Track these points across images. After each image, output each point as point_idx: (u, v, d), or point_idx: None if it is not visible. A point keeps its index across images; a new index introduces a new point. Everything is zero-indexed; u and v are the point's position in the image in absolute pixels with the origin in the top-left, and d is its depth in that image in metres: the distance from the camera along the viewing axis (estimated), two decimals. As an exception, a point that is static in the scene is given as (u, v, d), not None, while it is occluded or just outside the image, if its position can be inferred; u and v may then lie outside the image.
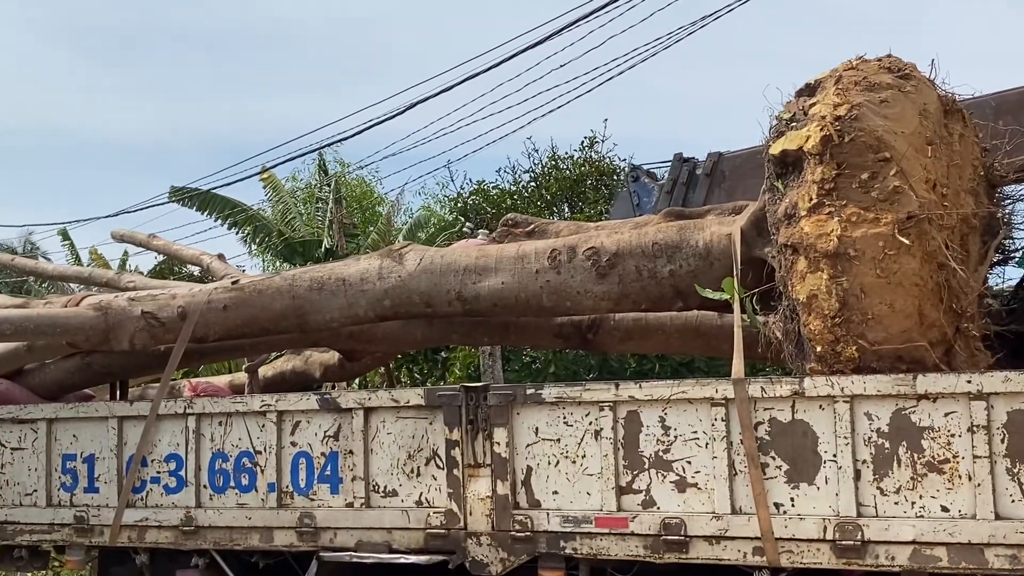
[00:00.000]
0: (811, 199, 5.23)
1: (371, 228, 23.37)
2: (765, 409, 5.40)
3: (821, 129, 5.25)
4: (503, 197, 19.05)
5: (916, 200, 5.16)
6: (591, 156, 19.13)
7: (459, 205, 20.22)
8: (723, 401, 5.47)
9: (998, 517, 4.94)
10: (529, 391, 5.98)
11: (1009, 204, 6.10)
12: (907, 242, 5.08)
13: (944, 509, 5.04)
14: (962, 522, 4.99)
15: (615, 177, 18.71)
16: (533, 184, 19.30)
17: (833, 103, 5.33)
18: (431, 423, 6.20)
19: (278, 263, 22.14)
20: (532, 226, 7.33)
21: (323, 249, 20.88)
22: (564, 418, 5.86)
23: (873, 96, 5.33)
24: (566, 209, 19.00)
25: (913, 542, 5.08)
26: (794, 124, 5.46)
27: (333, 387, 9.27)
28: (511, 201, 18.91)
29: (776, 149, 5.46)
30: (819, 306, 5.21)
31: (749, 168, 7.70)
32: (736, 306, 5.66)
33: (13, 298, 8.69)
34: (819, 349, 5.28)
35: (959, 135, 5.71)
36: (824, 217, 5.19)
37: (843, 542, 5.17)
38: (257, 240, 22.08)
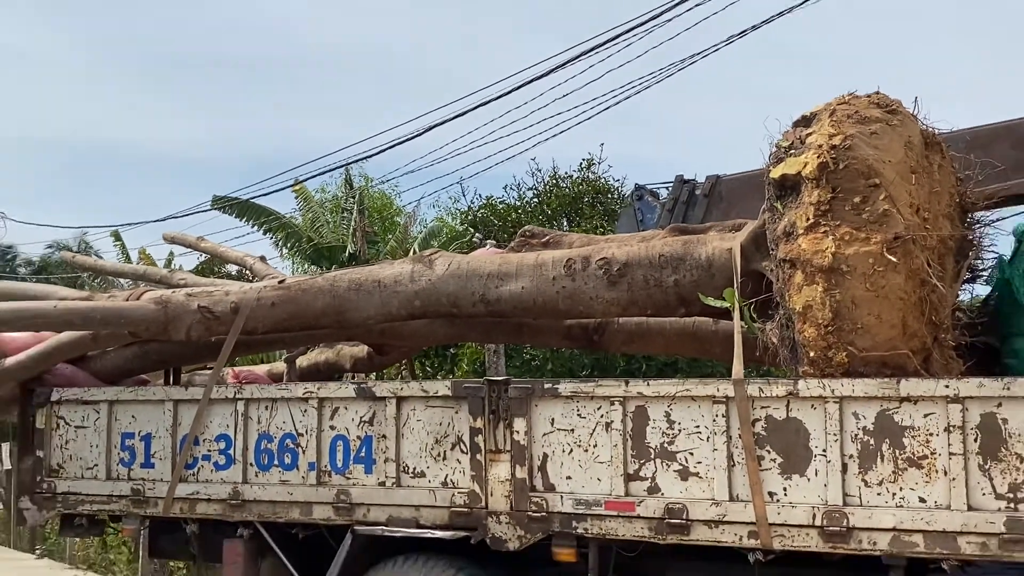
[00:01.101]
0: (808, 219, 5.18)
1: (390, 236, 23.30)
2: (762, 407, 5.34)
3: (818, 157, 5.20)
4: (509, 211, 18.93)
5: (902, 222, 5.11)
6: (588, 176, 19.00)
7: (469, 217, 20.09)
8: (724, 399, 5.42)
9: (970, 508, 4.90)
10: (547, 386, 5.92)
11: (979, 228, 6.04)
12: (894, 260, 5.04)
13: (922, 500, 5.00)
14: (938, 512, 4.95)
15: (610, 195, 18.62)
16: (536, 200, 19.17)
17: (829, 133, 5.28)
18: (457, 412, 6.14)
19: (306, 265, 22.06)
20: (547, 237, 7.26)
21: (347, 254, 20.83)
22: (578, 411, 5.80)
23: (864, 128, 5.29)
24: (565, 223, 18.89)
25: (893, 529, 5.03)
26: (793, 152, 5.41)
27: (352, 377, 9.20)
28: (515, 215, 18.78)
29: (776, 173, 5.40)
30: (814, 316, 5.15)
31: (744, 190, 7.66)
32: (736, 314, 5.61)
33: (78, 291, 8.60)
34: (812, 354, 5.22)
35: (938, 165, 5.67)
36: (820, 235, 5.14)
37: (830, 528, 5.12)
38: (288, 245, 22.01)
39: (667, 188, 8.20)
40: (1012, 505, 4.84)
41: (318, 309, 6.93)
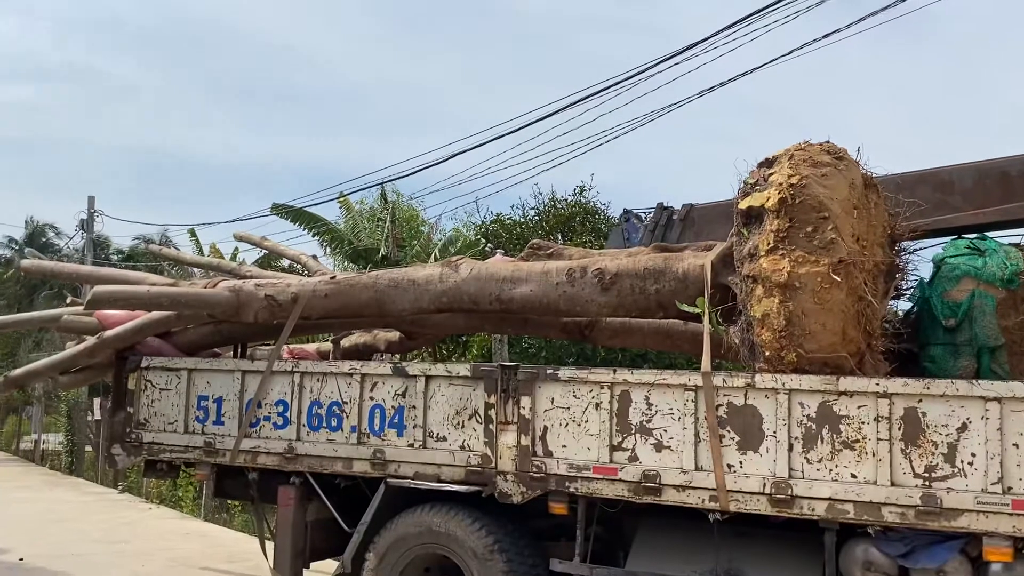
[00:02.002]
0: (769, 243, 5.15)
1: (415, 242, 23.14)
2: (724, 395, 5.33)
3: (779, 193, 5.17)
4: (514, 226, 18.89)
5: (845, 249, 5.09)
6: (581, 200, 18.96)
7: (482, 230, 20.08)
8: (694, 387, 5.40)
9: (892, 484, 4.89)
10: (549, 371, 5.90)
11: (905, 255, 6.02)
12: (838, 279, 5.01)
13: (853, 476, 4.99)
14: (866, 486, 4.94)
15: (598, 216, 18.58)
16: (537, 218, 19.14)
17: (788, 174, 5.24)
18: (474, 390, 6.11)
19: (346, 264, 21.98)
20: (551, 250, 7.20)
21: (380, 256, 20.72)
22: (574, 392, 5.78)
23: (816, 171, 5.25)
24: (560, 238, 18.84)
25: (829, 499, 5.01)
26: (758, 187, 5.38)
27: (382, 356, 9.14)
28: (520, 230, 18.72)
29: (744, 205, 5.37)
30: (770, 322, 5.13)
31: (712, 217, 7.63)
32: (706, 318, 5.59)
33: (164, 278, 8.56)
34: (768, 354, 5.20)
35: (874, 203, 5.65)
36: (778, 257, 5.11)
37: (777, 496, 5.11)
38: (332, 246, 21.94)
39: (648, 212, 8.17)
40: (927, 483, 4.82)
41: (363, 301, 6.91)
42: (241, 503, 11.71)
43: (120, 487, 18.41)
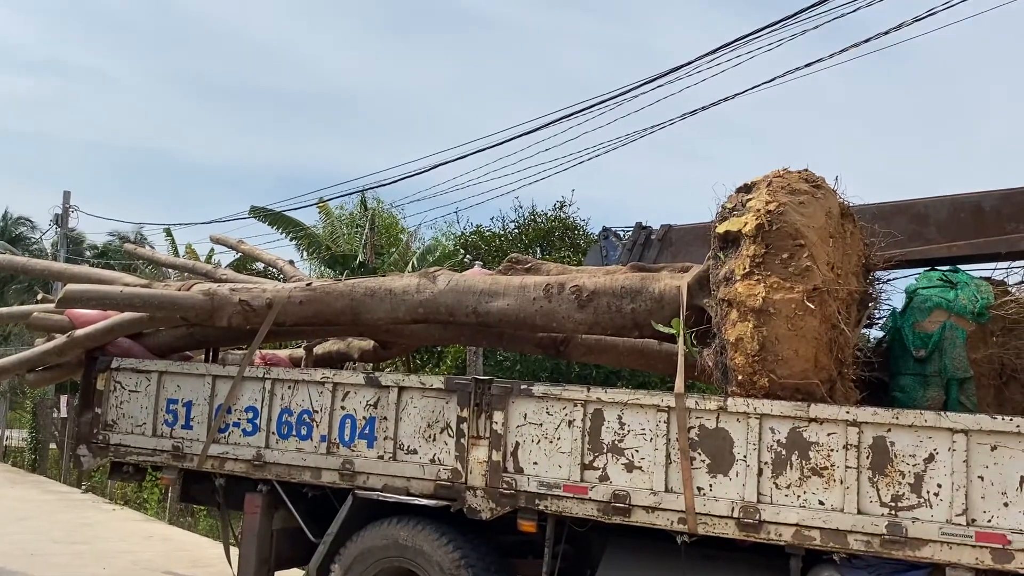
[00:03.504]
0: (745, 268, 5.17)
1: (393, 250, 23.09)
2: (697, 417, 5.32)
3: (756, 218, 5.20)
4: (493, 238, 18.93)
5: (820, 276, 5.11)
6: (560, 215, 19.04)
7: (461, 240, 20.08)
8: (666, 408, 5.39)
9: (859, 512, 4.90)
10: (523, 387, 5.87)
11: (879, 285, 6.08)
12: (812, 307, 5.03)
13: (821, 503, 4.99)
14: (833, 513, 4.95)
15: (576, 231, 18.64)
16: (516, 231, 19.17)
17: (766, 200, 5.27)
18: (447, 403, 6.07)
19: (323, 269, 21.88)
20: (529, 264, 7.21)
21: (357, 262, 20.67)
22: (547, 409, 5.76)
23: (794, 198, 5.28)
24: (538, 252, 18.87)
25: (796, 524, 5.02)
26: (736, 212, 5.40)
27: (355, 365, 9.07)
28: (499, 242, 18.76)
29: (722, 229, 5.39)
30: (744, 347, 5.14)
31: (690, 238, 7.66)
32: (680, 340, 5.60)
33: (139, 279, 8.45)
34: (740, 377, 5.21)
35: (850, 232, 5.69)
36: (754, 282, 5.13)
37: (745, 520, 5.11)
38: (310, 251, 21.84)
39: (626, 231, 8.18)
40: (893, 512, 4.84)
41: (338, 309, 6.86)
42: (207, 508, 11.57)
43: (84, 487, 18.13)
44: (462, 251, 19.31)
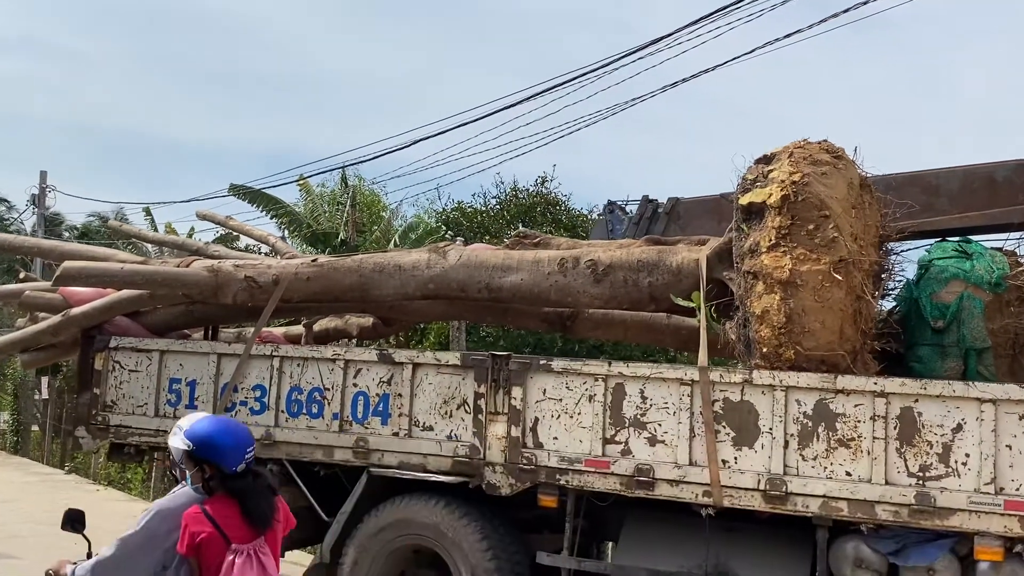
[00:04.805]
0: (771, 240, 5.10)
1: (375, 228, 22.80)
2: (721, 390, 5.27)
3: (781, 190, 5.13)
4: (475, 214, 18.81)
5: (845, 248, 5.06)
6: (542, 190, 18.91)
7: (443, 217, 19.91)
8: (690, 382, 5.33)
9: (887, 483, 4.89)
10: (542, 362, 5.78)
11: (893, 256, 6.03)
12: (839, 278, 4.99)
13: (848, 474, 4.98)
14: (861, 484, 4.93)
15: (559, 207, 18.52)
16: (498, 207, 19.03)
17: (789, 171, 5.20)
18: (464, 379, 5.95)
19: (305, 247, 21.54)
20: (538, 239, 7.10)
21: (339, 240, 20.31)
22: (567, 384, 5.67)
23: (817, 169, 5.22)
24: (519, 228, 18.72)
25: (823, 496, 5.00)
26: (758, 184, 5.32)
27: (351, 342, 8.90)
28: (480, 218, 18.63)
29: (745, 200, 5.31)
30: (770, 319, 5.08)
31: (697, 211, 7.58)
32: (702, 313, 5.52)
33: (135, 256, 8.21)
34: (765, 350, 5.15)
35: (868, 203, 5.63)
36: (780, 254, 5.06)
37: (772, 492, 5.09)
38: (291, 229, 21.45)
39: (628, 204, 8.07)
40: (922, 482, 4.84)
41: (346, 285, 6.69)
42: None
43: (67, 468, 17.81)
44: (444, 228, 19.12)
